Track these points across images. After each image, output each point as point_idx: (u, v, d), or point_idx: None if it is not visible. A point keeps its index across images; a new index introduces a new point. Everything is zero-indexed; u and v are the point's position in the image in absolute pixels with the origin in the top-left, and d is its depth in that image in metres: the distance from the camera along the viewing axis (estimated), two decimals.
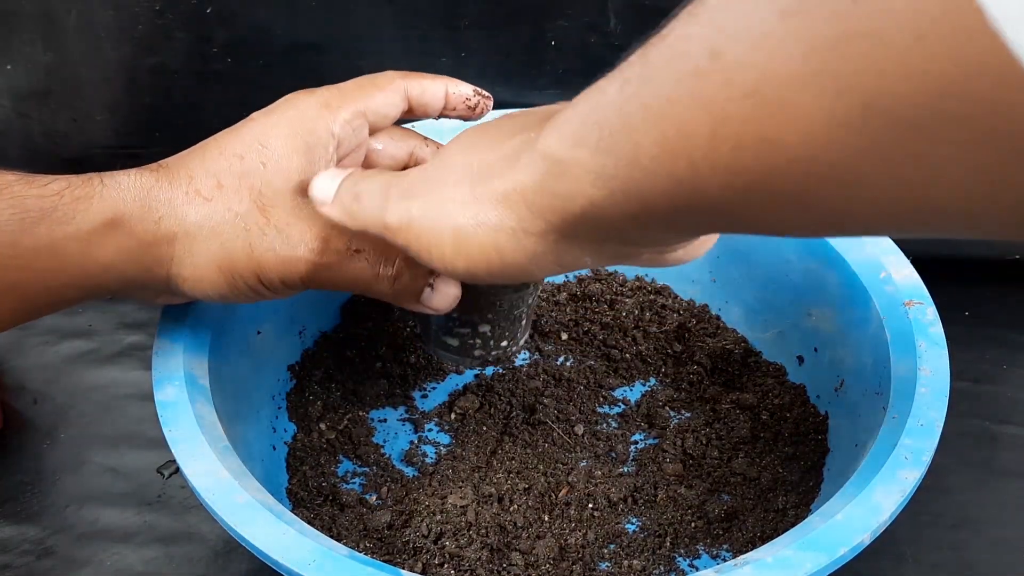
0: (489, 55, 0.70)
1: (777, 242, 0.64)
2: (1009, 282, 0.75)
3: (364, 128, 0.53)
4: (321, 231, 0.49)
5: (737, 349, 0.66)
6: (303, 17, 0.69)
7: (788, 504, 0.58)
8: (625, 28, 0.68)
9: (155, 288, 0.52)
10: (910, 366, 0.54)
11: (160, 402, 0.52)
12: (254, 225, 0.49)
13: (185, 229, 0.49)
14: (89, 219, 0.47)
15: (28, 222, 0.46)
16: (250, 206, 0.49)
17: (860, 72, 0.26)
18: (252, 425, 0.58)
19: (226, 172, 0.49)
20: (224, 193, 0.49)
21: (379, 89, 0.53)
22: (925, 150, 0.26)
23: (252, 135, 0.50)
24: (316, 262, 0.49)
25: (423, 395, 0.66)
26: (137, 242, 0.48)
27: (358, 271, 0.50)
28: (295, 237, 0.49)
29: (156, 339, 0.55)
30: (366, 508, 0.58)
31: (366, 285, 0.50)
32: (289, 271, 0.49)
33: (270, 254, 0.49)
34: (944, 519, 0.61)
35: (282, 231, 0.49)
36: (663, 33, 0.34)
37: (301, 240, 0.49)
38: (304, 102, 0.51)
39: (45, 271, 0.47)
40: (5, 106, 0.72)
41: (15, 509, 0.61)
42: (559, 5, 0.68)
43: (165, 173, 0.50)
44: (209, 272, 0.49)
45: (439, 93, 0.54)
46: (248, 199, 0.49)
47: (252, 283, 0.50)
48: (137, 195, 0.48)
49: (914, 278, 0.58)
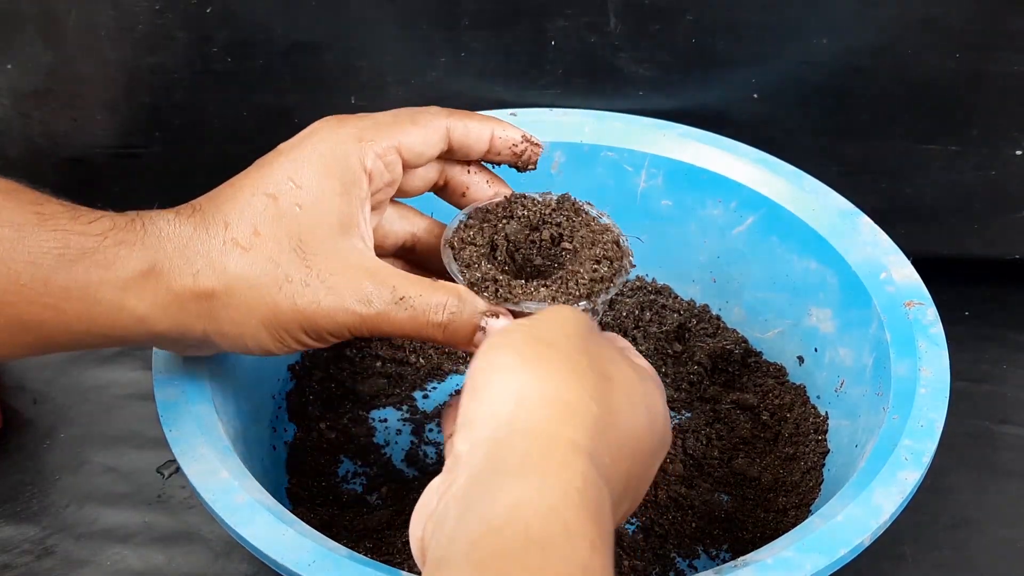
0: (489, 55, 0.70)
1: (777, 242, 0.65)
2: (1009, 282, 0.75)
3: (398, 165, 0.49)
4: (366, 279, 0.47)
5: (737, 349, 0.66)
6: (303, 17, 0.69)
7: (788, 505, 0.58)
8: (625, 28, 0.68)
9: (186, 343, 0.49)
10: (910, 367, 0.54)
11: (160, 402, 0.52)
12: (296, 275, 0.46)
13: (225, 283, 0.46)
14: (129, 267, 0.45)
15: (67, 260, 0.44)
16: (290, 255, 0.46)
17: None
18: (252, 425, 0.58)
19: (261, 217, 0.46)
20: (262, 241, 0.46)
21: (417, 126, 0.50)
22: None
23: (283, 172, 0.47)
24: (363, 313, 0.46)
25: (424, 395, 0.66)
26: (174, 296, 0.46)
27: (405, 320, 0.47)
28: (340, 287, 0.46)
29: None
30: (366, 508, 0.58)
31: (415, 332, 0.47)
32: (337, 324, 0.47)
33: (315, 307, 0.46)
34: (944, 519, 0.61)
35: (326, 281, 0.46)
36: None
37: (347, 290, 0.46)
38: (336, 134, 0.48)
39: (72, 314, 0.45)
40: (5, 106, 0.72)
41: (15, 509, 0.61)
42: (559, 5, 0.68)
43: (201, 219, 0.47)
44: (252, 328, 0.46)
45: (484, 136, 0.51)
46: (288, 247, 0.46)
47: (298, 336, 0.47)
48: (177, 244, 0.46)
49: (914, 278, 0.58)
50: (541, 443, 0.37)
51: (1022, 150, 0.70)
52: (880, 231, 0.61)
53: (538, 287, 0.48)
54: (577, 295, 0.48)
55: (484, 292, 0.48)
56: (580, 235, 0.51)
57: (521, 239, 0.51)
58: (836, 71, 0.69)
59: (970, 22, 0.66)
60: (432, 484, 0.41)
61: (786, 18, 0.67)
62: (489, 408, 0.39)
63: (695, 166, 0.66)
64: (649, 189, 0.68)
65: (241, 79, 0.71)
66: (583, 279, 0.49)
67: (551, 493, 0.35)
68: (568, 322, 0.42)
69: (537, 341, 0.41)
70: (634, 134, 0.67)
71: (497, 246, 0.51)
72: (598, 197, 0.68)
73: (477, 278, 0.48)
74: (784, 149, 0.66)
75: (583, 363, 0.40)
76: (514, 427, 0.38)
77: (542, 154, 0.54)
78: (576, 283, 0.49)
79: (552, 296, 0.48)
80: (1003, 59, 0.67)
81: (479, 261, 0.49)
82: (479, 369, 0.41)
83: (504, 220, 0.52)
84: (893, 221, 0.63)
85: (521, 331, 0.42)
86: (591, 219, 0.52)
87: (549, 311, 0.44)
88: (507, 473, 0.36)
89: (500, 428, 0.38)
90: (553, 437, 0.37)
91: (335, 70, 0.71)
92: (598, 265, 0.49)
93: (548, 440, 0.37)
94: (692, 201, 0.67)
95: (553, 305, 0.47)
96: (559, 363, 0.40)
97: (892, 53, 0.67)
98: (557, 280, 0.49)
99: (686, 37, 0.68)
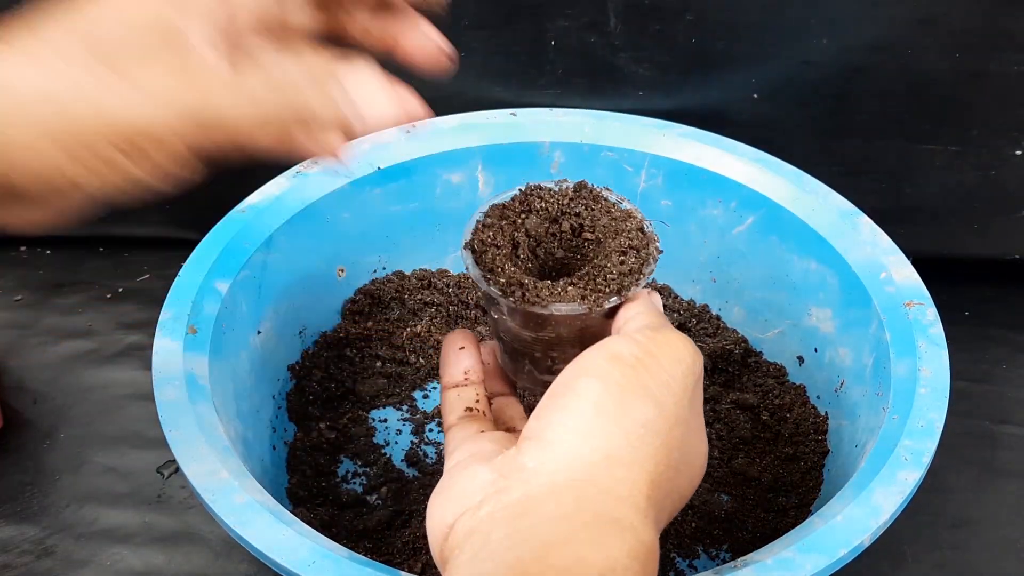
0: (489, 55, 0.70)
1: (776, 242, 0.65)
2: (1009, 282, 0.75)
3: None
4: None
5: (737, 349, 0.66)
6: None
7: (788, 505, 0.58)
8: (625, 28, 0.68)
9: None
10: (910, 366, 0.54)
11: (161, 403, 0.51)
12: (98, 81, 0.37)
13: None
14: None
15: None
16: (87, 58, 0.37)
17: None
18: (252, 425, 0.58)
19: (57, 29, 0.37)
20: (49, 47, 0.37)
21: None
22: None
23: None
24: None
25: (424, 395, 0.66)
26: None
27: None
28: (158, 89, 0.37)
29: (156, 339, 0.55)
30: (366, 508, 0.58)
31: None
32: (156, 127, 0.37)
33: (123, 112, 0.37)
34: (944, 519, 0.61)
35: (137, 82, 0.37)
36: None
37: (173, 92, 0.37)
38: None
39: None
40: None
41: (15, 509, 0.61)
42: (559, 5, 0.68)
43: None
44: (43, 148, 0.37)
45: None
46: (83, 51, 0.37)
47: (108, 154, 0.37)
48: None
49: (914, 278, 0.58)
50: (611, 504, 0.38)
51: (1022, 150, 0.70)
52: (880, 231, 0.61)
53: (565, 286, 0.46)
54: (607, 291, 0.46)
55: (511, 297, 0.46)
56: (602, 224, 0.49)
57: (541, 232, 0.49)
58: (836, 71, 0.69)
59: (970, 22, 0.66)
60: (479, 475, 0.41)
61: (786, 18, 0.67)
62: (568, 439, 0.40)
63: (695, 166, 0.66)
64: (649, 189, 0.68)
65: None
66: (611, 274, 0.47)
67: (615, 554, 0.36)
68: (682, 362, 0.42)
69: (639, 387, 0.41)
70: (634, 134, 0.67)
71: (518, 243, 0.49)
72: None
73: (502, 283, 0.46)
74: (784, 149, 0.66)
75: (678, 427, 0.41)
76: (590, 476, 0.39)
77: (544, 153, 0.53)
78: (604, 278, 0.46)
79: (582, 295, 0.46)
80: (1003, 59, 0.67)
81: (503, 264, 0.47)
82: (571, 387, 0.41)
83: (522, 215, 0.49)
84: (893, 221, 0.63)
85: (631, 367, 0.41)
86: (611, 205, 0.50)
87: (669, 344, 0.43)
88: (571, 521, 0.37)
89: (574, 469, 0.39)
90: (624, 500, 0.38)
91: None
92: (624, 256, 0.47)
93: (618, 502, 0.38)
94: (692, 201, 0.67)
95: (671, 335, 0.44)
96: (658, 424, 0.40)
97: (892, 53, 0.67)
98: (584, 276, 0.47)
99: (686, 37, 0.68)
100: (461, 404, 0.49)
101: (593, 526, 0.37)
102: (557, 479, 0.39)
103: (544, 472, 0.39)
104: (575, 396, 0.40)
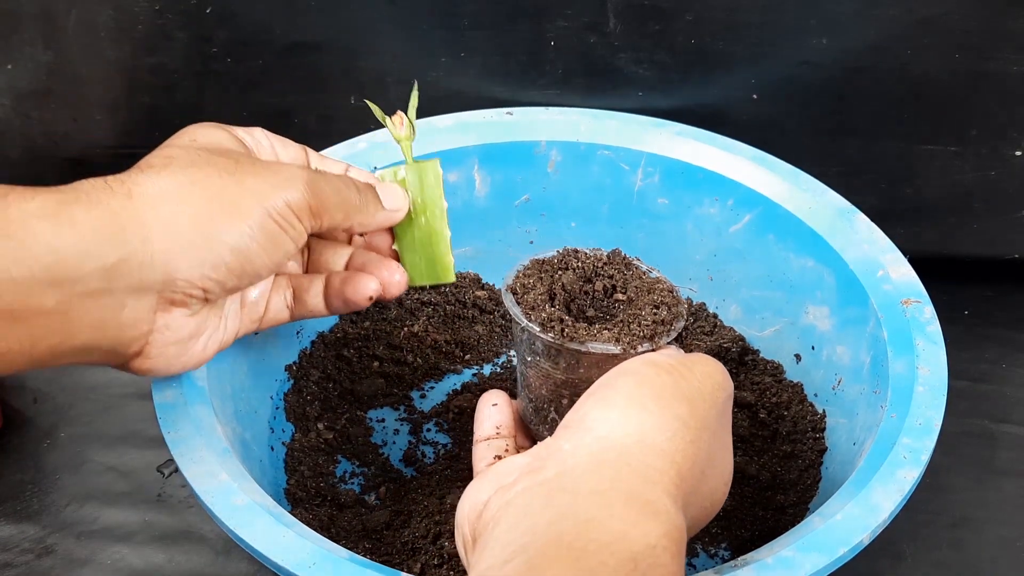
0: (489, 55, 0.70)
1: (773, 240, 0.65)
2: (1009, 282, 0.75)
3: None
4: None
5: (734, 347, 0.66)
6: (303, 17, 0.69)
7: (786, 502, 0.58)
8: (625, 28, 0.68)
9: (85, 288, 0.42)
10: (908, 364, 0.54)
11: (159, 404, 0.52)
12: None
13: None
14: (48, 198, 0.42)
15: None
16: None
17: None
18: (250, 426, 0.58)
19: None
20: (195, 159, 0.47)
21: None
22: None
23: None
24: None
25: (421, 395, 0.66)
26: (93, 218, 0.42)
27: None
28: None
29: None
30: (364, 508, 0.58)
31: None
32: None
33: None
34: (943, 518, 0.61)
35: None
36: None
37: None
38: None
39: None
40: (5, 106, 0.72)
41: (15, 508, 0.61)
42: (559, 5, 0.68)
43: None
44: (182, 249, 0.45)
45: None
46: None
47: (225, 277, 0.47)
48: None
49: (911, 276, 0.58)
50: (645, 487, 0.40)
51: (1022, 150, 0.70)
52: (877, 229, 0.61)
53: (601, 329, 0.50)
54: (641, 336, 0.49)
55: (551, 333, 0.49)
56: (634, 286, 0.53)
57: (576, 289, 0.53)
58: (836, 71, 0.69)
59: (970, 22, 0.66)
60: (515, 460, 0.45)
61: (786, 18, 0.67)
62: (604, 425, 0.42)
63: (692, 164, 0.66)
64: (646, 187, 0.68)
65: (241, 79, 0.71)
66: (646, 320, 0.50)
67: (653, 534, 0.38)
68: (712, 377, 0.46)
69: (673, 387, 0.44)
70: (630, 132, 0.67)
71: (555, 295, 0.52)
72: (595, 196, 0.69)
73: (543, 319, 0.50)
74: (783, 149, 0.66)
75: (706, 431, 0.44)
76: (625, 457, 0.41)
77: (540, 152, 0.53)
78: (639, 324, 0.50)
79: (616, 338, 0.49)
80: (1003, 59, 0.67)
81: (543, 304, 0.51)
82: (610, 384, 0.44)
83: (560, 271, 0.53)
84: (892, 221, 0.63)
85: (669, 373, 0.44)
86: (641, 272, 0.54)
87: (701, 361, 0.46)
88: (609, 498, 0.39)
89: (609, 450, 0.41)
90: (656, 485, 0.40)
91: (335, 70, 0.71)
92: (657, 310, 0.51)
93: (651, 486, 0.40)
94: (689, 199, 0.67)
95: (703, 356, 0.48)
96: (688, 422, 0.43)
97: (892, 53, 0.67)
98: (619, 323, 0.50)
99: (686, 37, 0.68)
100: (491, 452, 0.52)
101: (631, 505, 0.39)
102: (593, 458, 0.41)
103: (581, 452, 0.41)
104: (612, 390, 0.44)
